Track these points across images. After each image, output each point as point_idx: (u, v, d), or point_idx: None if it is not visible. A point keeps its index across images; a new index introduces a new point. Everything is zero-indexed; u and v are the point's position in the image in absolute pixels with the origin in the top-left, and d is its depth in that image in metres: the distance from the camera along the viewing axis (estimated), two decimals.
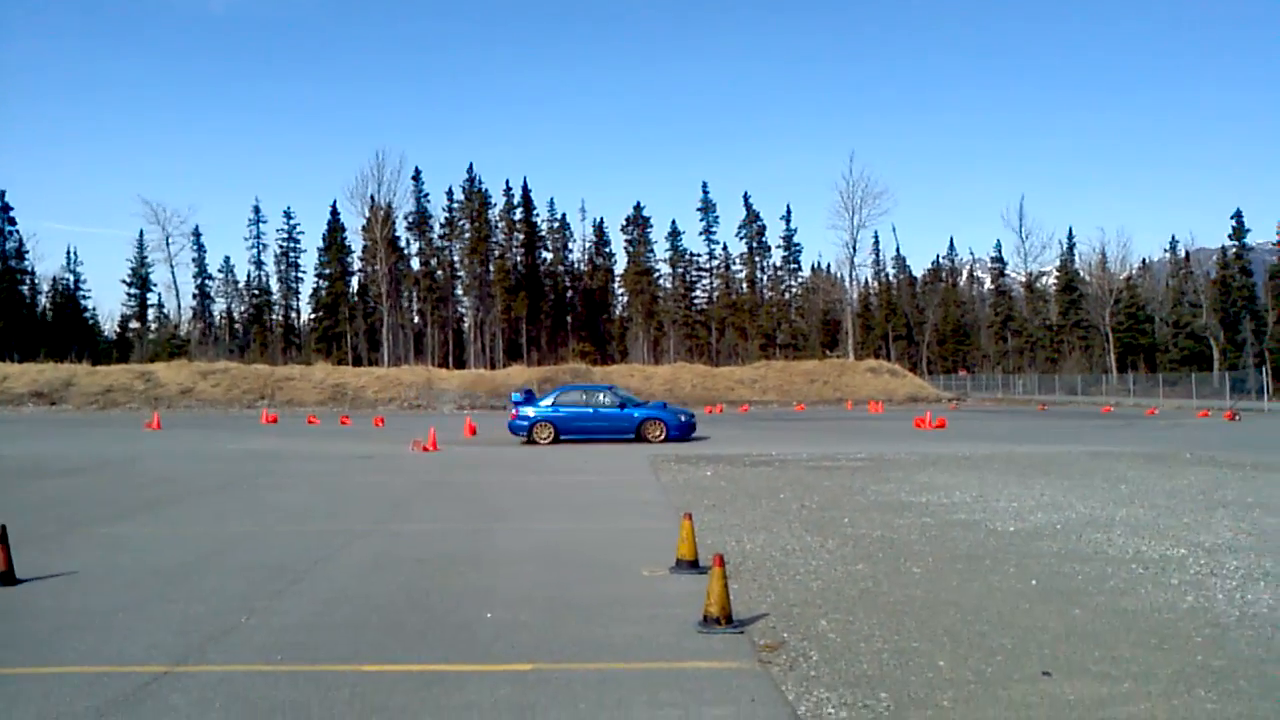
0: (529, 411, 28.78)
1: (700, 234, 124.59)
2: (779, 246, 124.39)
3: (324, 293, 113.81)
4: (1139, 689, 5.96)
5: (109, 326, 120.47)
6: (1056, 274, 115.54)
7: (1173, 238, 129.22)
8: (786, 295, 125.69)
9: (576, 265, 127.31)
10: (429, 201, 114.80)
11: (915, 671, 6.32)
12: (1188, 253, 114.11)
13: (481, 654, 6.79)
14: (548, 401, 29.39)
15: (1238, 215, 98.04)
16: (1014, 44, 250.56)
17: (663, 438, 28.52)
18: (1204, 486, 16.57)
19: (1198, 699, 5.77)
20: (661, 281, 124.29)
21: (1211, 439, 29.61)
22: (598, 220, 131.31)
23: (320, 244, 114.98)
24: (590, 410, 29.13)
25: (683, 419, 29.47)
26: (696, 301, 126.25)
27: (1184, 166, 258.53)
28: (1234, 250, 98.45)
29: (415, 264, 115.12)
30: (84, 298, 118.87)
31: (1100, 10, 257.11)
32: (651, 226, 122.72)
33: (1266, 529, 12.11)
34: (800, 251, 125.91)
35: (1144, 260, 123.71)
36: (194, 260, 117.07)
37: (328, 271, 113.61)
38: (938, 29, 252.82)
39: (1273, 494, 15.55)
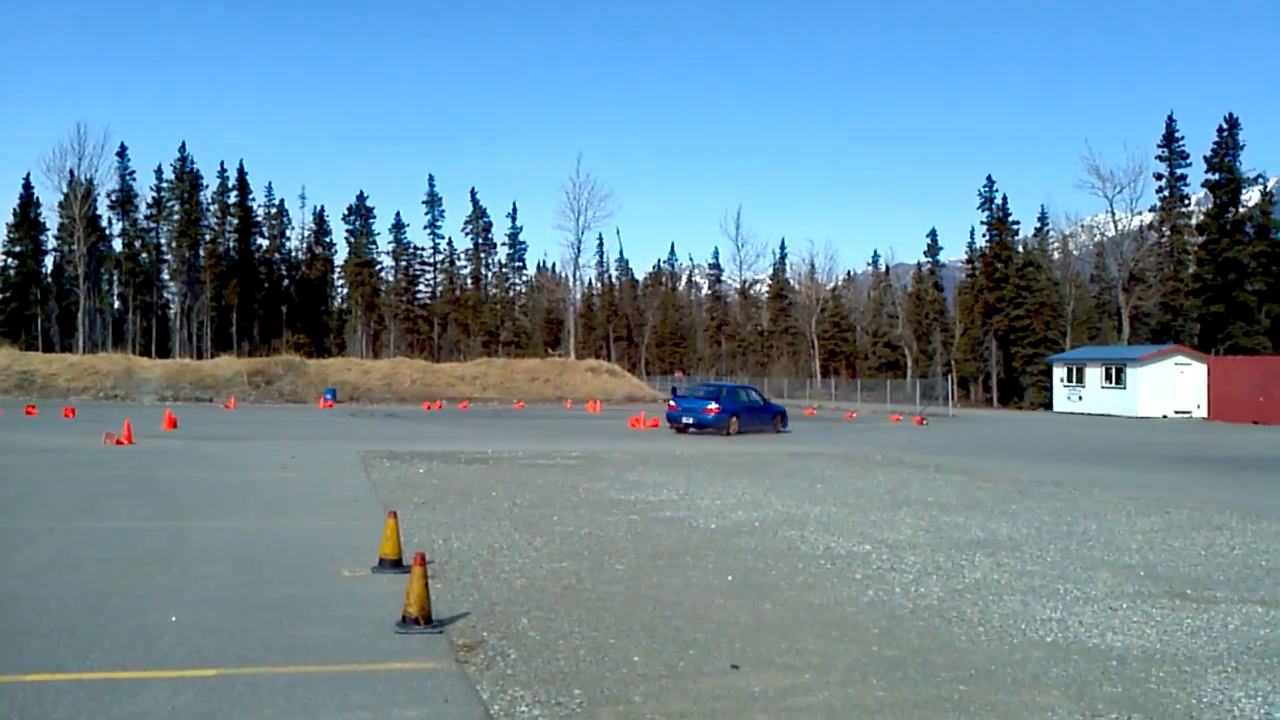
0: (712, 407, 32.76)
1: (425, 228, 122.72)
2: (504, 244, 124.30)
3: (13, 272, 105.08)
4: (819, 679, 6.26)
5: None
6: (769, 282, 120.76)
7: (875, 252, 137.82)
8: (511, 293, 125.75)
9: (294, 254, 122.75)
10: (135, 180, 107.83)
11: (610, 667, 6.41)
12: (888, 267, 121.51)
13: (162, 660, 6.42)
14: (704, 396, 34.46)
15: (932, 234, 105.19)
16: (736, 59, 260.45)
17: (785, 427, 35.56)
18: (891, 486, 17.67)
19: (870, 687, 6.11)
20: (383, 274, 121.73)
21: (901, 441, 31.64)
22: (318, 208, 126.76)
23: (11, 219, 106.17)
24: (746, 403, 35.09)
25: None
26: (419, 296, 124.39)
27: (887, 186, 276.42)
28: (928, 266, 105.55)
29: (118, 245, 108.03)
30: None
31: (822, 28, 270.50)
32: (375, 218, 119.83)
33: (942, 526, 13.02)
34: (526, 250, 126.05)
35: (849, 272, 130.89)
36: None
37: (18, 249, 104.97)
38: (665, 37, 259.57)
39: (950, 494, 16.75)
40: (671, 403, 35.45)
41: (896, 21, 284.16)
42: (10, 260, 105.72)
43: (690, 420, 32.97)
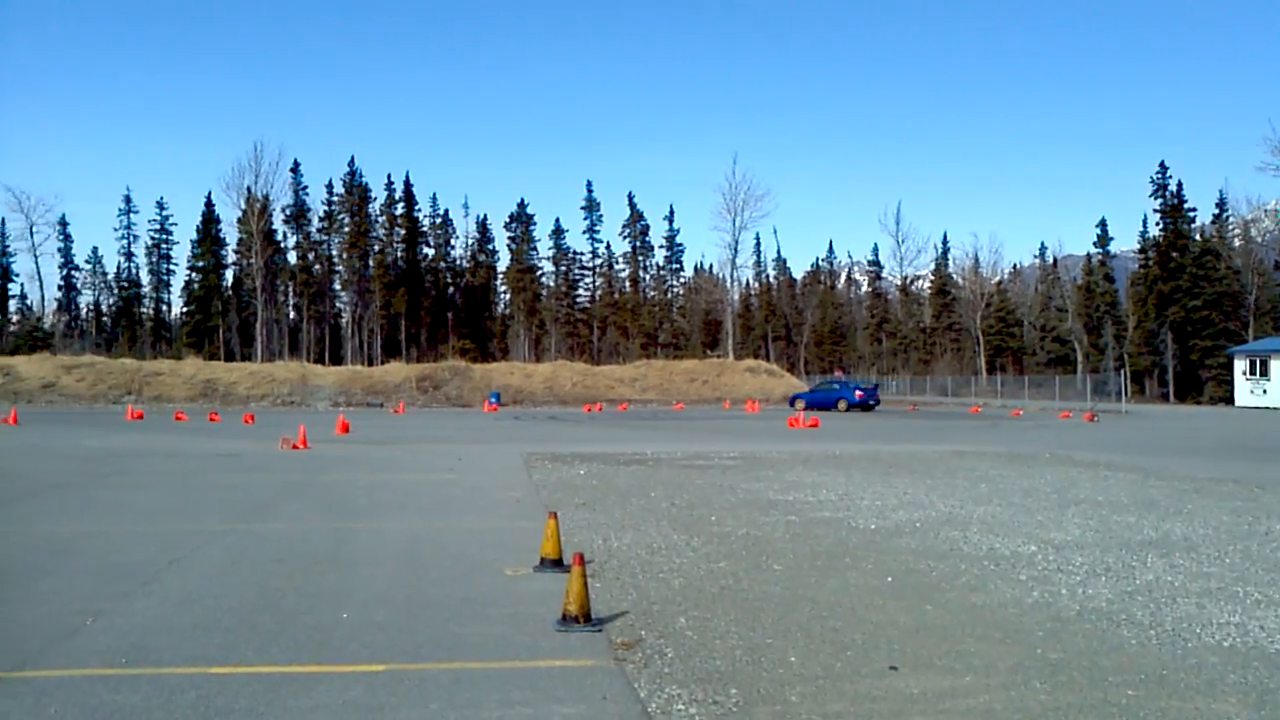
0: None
1: (584, 232, 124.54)
2: (662, 246, 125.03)
3: (196, 286, 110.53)
4: (979, 682, 6.14)
5: None
6: (931, 278, 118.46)
7: (1042, 244, 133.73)
8: (669, 295, 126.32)
9: (458, 262, 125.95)
10: (308, 194, 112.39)
11: (767, 667, 6.41)
12: (1055, 259, 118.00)
13: (334, 655, 6.69)
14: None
15: (1102, 224, 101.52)
16: (895, 50, 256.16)
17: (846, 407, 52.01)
18: (1059, 485, 17.15)
19: (1033, 690, 5.97)
20: (544, 279, 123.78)
21: (1070, 439, 30.67)
22: (481, 217, 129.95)
23: (194, 236, 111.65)
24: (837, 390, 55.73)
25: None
26: (579, 300, 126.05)
27: (1054, 176, 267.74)
28: (1098, 257, 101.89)
29: (292, 258, 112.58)
30: None
31: (980, 20, 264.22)
32: (535, 224, 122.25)
33: (1112, 526, 12.59)
34: (683, 252, 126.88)
35: (1015, 265, 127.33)
36: (60, 250, 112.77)
37: (201, 264, 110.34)
38: (820, 34, 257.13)
39: (1121, 493, 16.17)
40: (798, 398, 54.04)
41: (1057, 5, 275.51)
42: (194, 275, 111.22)
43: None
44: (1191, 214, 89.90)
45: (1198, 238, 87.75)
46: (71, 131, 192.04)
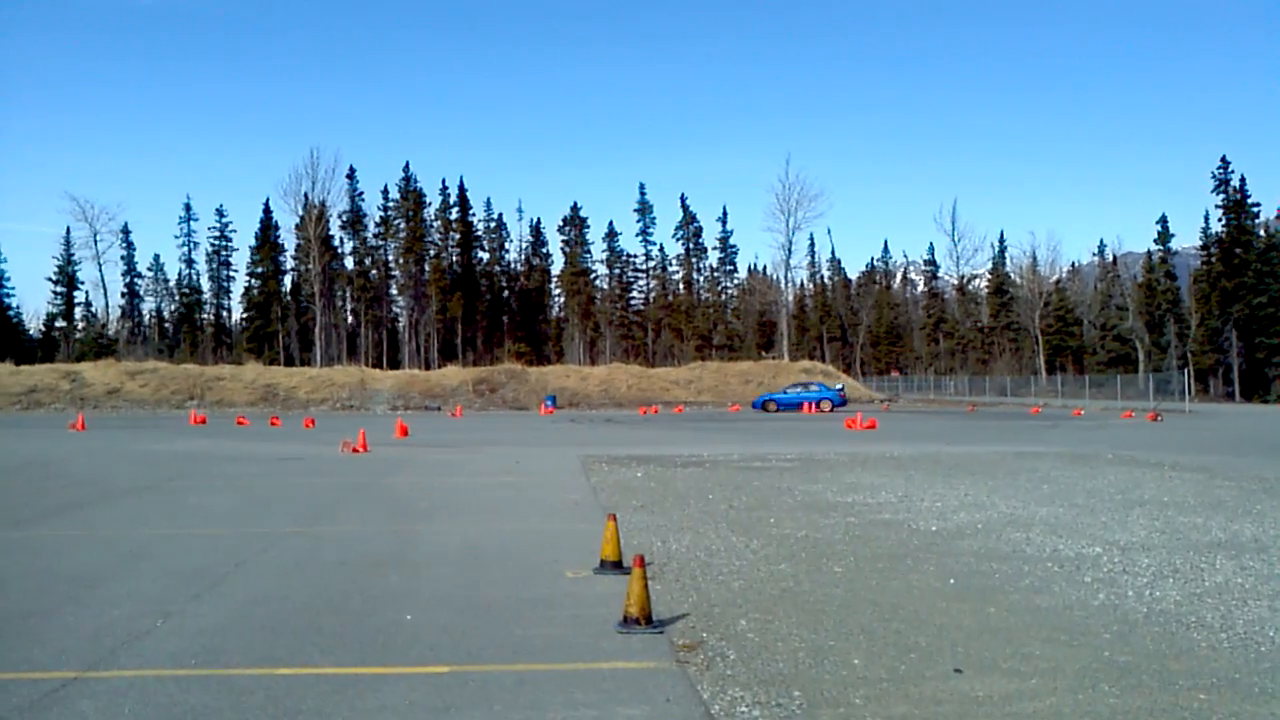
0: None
1: (637, 235, 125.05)
2: (715, 248, 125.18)
3: (256, 292, 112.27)
4: (1046, 685, 6.07)
5: (34, 325, 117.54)
6: (988, 277, 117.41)
7: (1101, 242, 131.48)
8: (723, 296, 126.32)
9: (513, 266, 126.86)
10: (364, 200, 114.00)
11: (830, 670, 6.39)
12: (1115, 256, 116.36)
13: (399, 656, 6.75)
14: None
15: (1163, 220, 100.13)
16: (948, 48, 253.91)
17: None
18: (1123, 486, 16.92)
19: (1101, 693, 5.89)
20: (598, 282, 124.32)
21: (1134, 439, 30.23)
22: (534, 220, 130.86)
23: (253, 242, 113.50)
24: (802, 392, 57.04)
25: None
26: (633, 302, 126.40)
27: (1113, 172, 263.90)
28: (1159, 254, 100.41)
29: (349, 263, 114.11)
30: (8, 296, 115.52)
31: (1033, 16, 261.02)
32: (588, 227, 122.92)
33: (1179, 527, 12.39)
34: (736, 253, 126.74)
35: (1073, 264, 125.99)
36: (123, 258, 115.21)
37: (260, 270, 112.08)
38: (872, 32, 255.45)
39: (1187, 493, 15.91)
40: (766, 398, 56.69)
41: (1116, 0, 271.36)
42: (253, 281, 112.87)
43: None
44: (1255, 209, 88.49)
45: (1262, 233, 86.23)
46: (133, 141, 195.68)
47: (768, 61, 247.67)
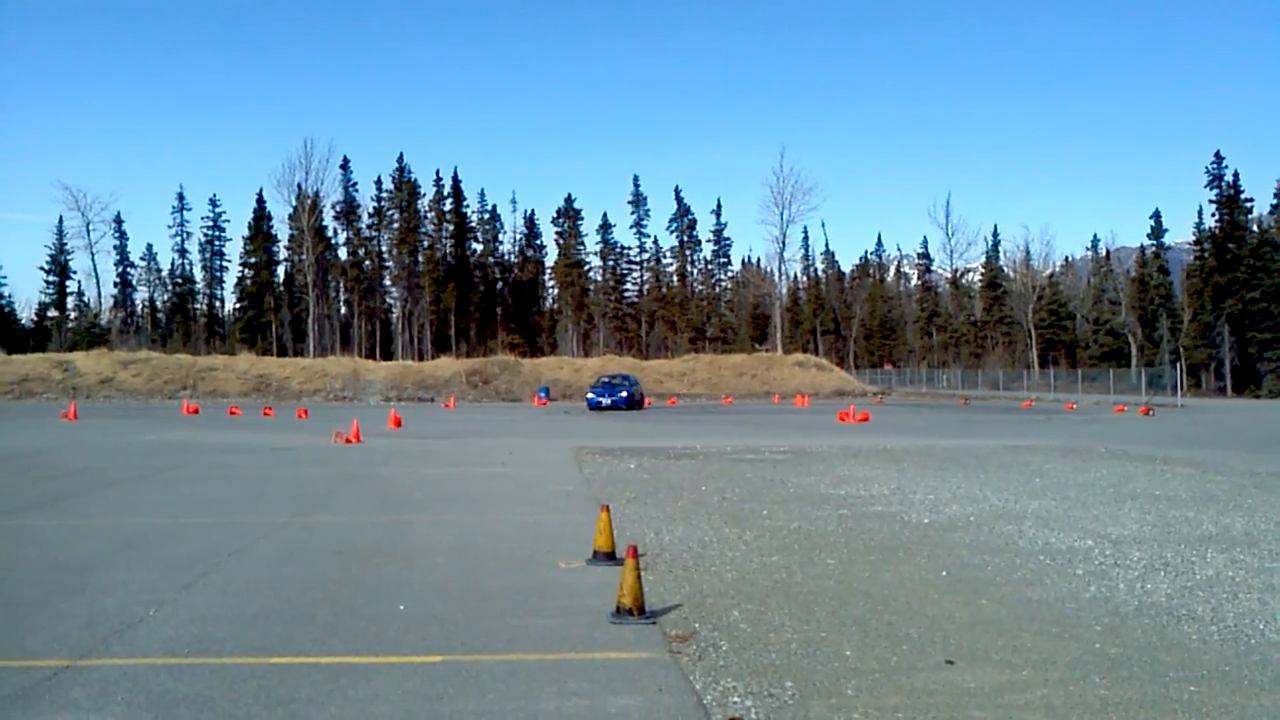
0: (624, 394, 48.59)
1: (631, 227, 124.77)
2: (709, 240, 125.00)
3: (249, 282, 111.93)
4: (1037, 676, 6.09)
5: (26, 314, 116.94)
6: (981, 271, 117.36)
7: (1094, 236, 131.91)
8: (716, 289, 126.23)
9: (507, 257, 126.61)
10: (357, 191, 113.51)
11: (822, 661, 6.41)
12: (1108, 251, 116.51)
13: (392, 646, 6.76)
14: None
15: (1156, 215, 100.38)
16: (943, 42, 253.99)
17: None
18: (1114, 480, 16.96)
19: (1092, 685, 5.92)
20: (592, 274, 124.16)
21: (1125, 433, 30.30)
22: (529, 212, 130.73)
23: (246, 232, 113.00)
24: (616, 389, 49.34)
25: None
26: (627, 294, 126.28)
27: (1106, 167, 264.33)
28: (1152, 249, 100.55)
29: (343, 254, 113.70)
30: (0, 285, 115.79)
31: (1028, 11, 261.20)
32: (582, 219, 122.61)
33: (1170, 521, 12.43)
34: (730, 246, 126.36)
35: (1066, 258, 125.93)
36: (115, 248, 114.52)
37: (253, 260, 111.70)
38: (868, 26, 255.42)
39: (1179, 487, 15.96)
40: (591, 392, 49.81)
41: None
42: (247, 271, 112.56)
43: (608, 402, 47.52)
44: (1249, 204, 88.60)
45: (1255, 229, 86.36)
46: (126, 130, 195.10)
47: (763, 55, 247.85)
